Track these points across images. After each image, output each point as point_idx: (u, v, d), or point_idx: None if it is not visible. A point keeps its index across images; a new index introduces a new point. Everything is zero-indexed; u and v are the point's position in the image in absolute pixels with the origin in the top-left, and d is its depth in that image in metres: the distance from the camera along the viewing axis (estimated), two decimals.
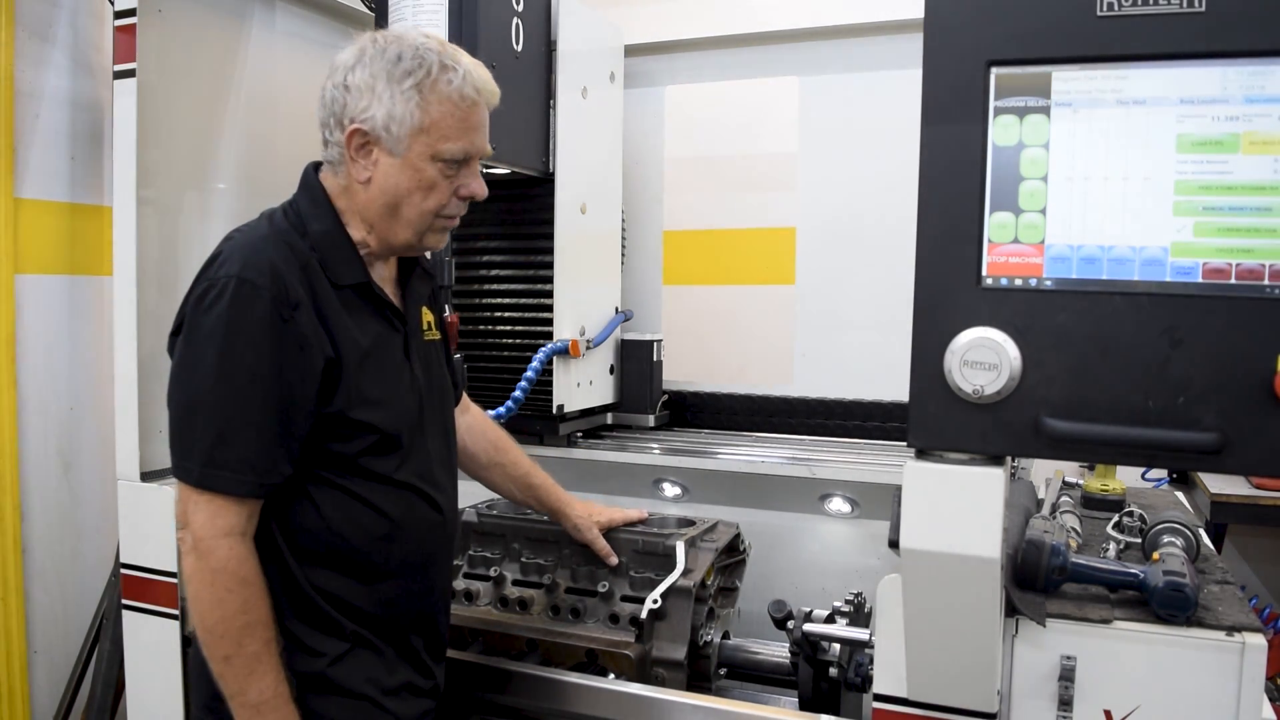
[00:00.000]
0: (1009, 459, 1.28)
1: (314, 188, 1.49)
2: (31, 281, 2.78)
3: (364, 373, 1.44)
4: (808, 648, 1.70)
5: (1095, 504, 1.98)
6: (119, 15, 2.08)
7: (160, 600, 2.05)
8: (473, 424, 1.92)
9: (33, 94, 2.76)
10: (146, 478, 2.09)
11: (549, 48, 2.37)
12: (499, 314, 2.49)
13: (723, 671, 1.90)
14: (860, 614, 1.79)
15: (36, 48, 2.77)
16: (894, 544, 1.31)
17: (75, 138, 2.87)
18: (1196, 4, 1.11)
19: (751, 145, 2.83)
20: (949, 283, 1.22)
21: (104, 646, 2.73)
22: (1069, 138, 1.18)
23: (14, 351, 2.73)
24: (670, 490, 2.48)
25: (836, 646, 1.72)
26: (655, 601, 1.76)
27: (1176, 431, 1.15)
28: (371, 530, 1.46)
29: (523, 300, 2.46)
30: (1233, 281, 1.13)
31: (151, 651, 2.07)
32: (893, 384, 2.59)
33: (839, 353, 2.74)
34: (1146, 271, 1.17)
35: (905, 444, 1.29)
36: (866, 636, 1.67)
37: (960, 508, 1.25)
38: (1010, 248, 1.21)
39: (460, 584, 1.96)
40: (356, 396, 1.42)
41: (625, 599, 1.84)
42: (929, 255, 1.24)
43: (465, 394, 1.92)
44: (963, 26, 1.20)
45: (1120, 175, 1.17)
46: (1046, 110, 1.19)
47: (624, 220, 2.77)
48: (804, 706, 1.72)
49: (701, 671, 1.84)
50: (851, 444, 2.59)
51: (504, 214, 2.48)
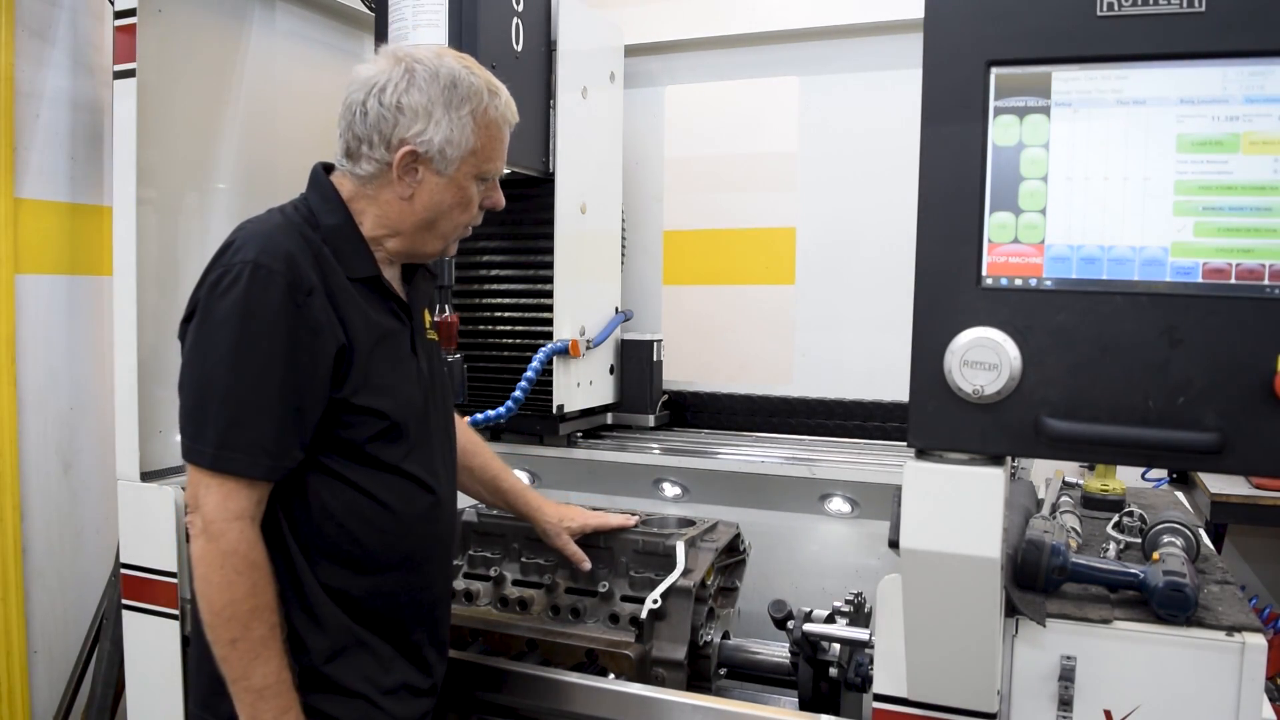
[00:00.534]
0: (1009, 459, 1.28)
1: (324, 185, 1.51)
2: (31, 281, 2.78)
3: (374, 361, 1.46)
4: (808, 648, 1.70)
5: (1095, 504, 1.98)
6: (119, 15, 2.09)
7: (160, 600, 2.05)
8: None
9: (33, 94, 2.77)
10: (146, 478, 2.09)
11: (549, 48, 2.37)
12: (499, 314, 2.49)
13: (723, 671, 1.90)
14: (860, 614, 1.79)
15: (36, 48, 2.77)
16: (894, 544, 1.31)
17: (75, 138, 2.87)
18: (1196, 4, 1.11)
19: (751, 145, 2.83)
20: (949, 283, 1.23)
21: (104, 646, 2.73)
22: (1069, 138, 1.18)
23: (14, 351, 2.73)
24: (670, 490, 2.48)
25: (836, 646, 1.72)
26: (655, 601, 1.76)
27: (1176, 431, 1.15)
28: (374, 521, 1.46)
29: (523, 300, 2.46)
30: (1233, 281, 1.14)
31: (151, 651, 2.07)
32: (893, 384, 2.59)
33: (838, 353, 2.74)
34: (1146, 271, 1.17)
35: (905, 444, 1.29)
36: (866, 636, 1.67)
37: (960, 508, 1.25)
38: (1010, 248, 1.21)
39: (460, 584, 1.96)
40: (366, 383, 1.44)
41: (625, 599, 1.84)
42: (929, 255, 1.24)
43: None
44: (963, 26, 1.20)
45: (1120, 175, 1.17)
46: (1046, 110, 1.19)
47: (624, 220, 2.77)
48: (804, 706, 1.72)
49: (701, 671, 1.84)
50: (851, 444, 2.59)
51: (504, 214, 2.43)
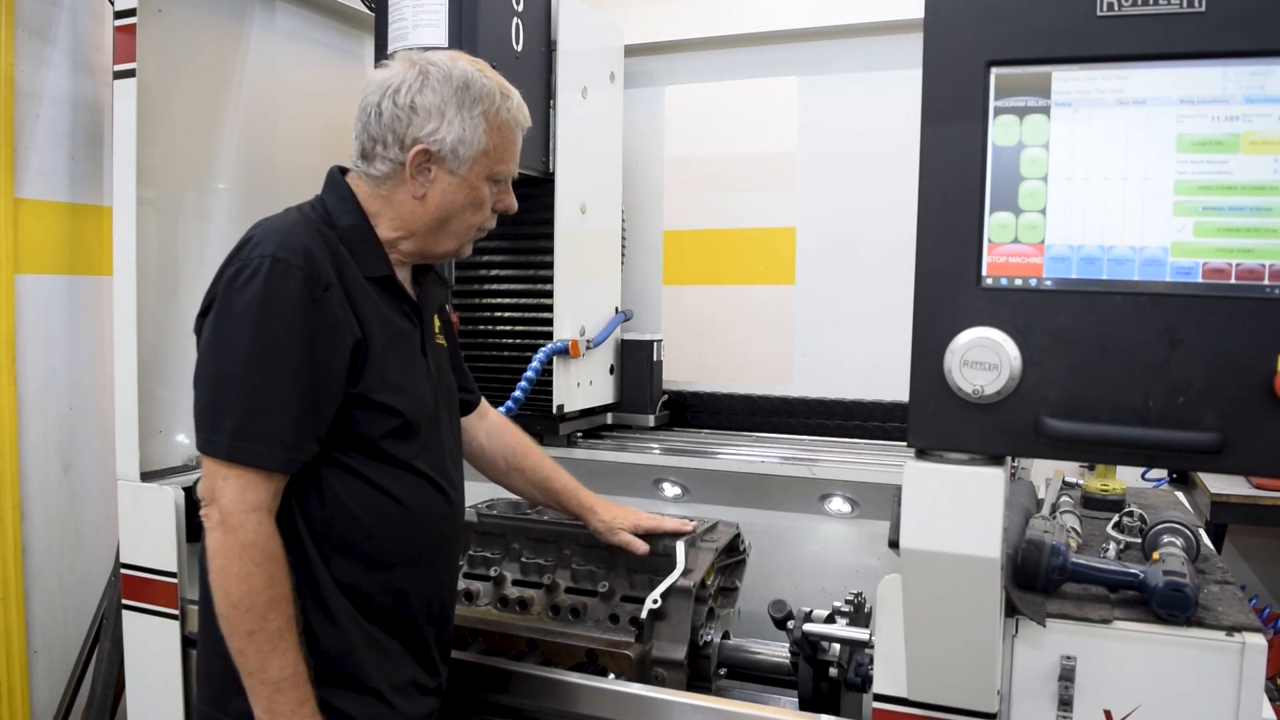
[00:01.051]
0: (1009, 459, 1.28)
1: (340, 186, 1.53)
2: (31, 281, 2.78)
3: (388, 359, 1.47)
4: (808, 648, 1.70)
5: (1095, 504, 1.98)
6: (119, 15, 2.09)
7: (160, 600, 2.05)
8: (492, 429, 1.94)
9: (33, 94, 2.76)
10: (146, 478, 2.09)
11: (549, 48, 2.37)
12: (499, 314, 2.49)
13: (723, 671, 1.89)
14: (860, 614, 1.79)
15: (36, 48, 2.77)
16: (894, 544, 1.31)
17: (75, 138, 2.87)
18: (1196, 4, 1.11)
19: (751, 145, 2.83)
20: (949, 283, 1.22)
21: (104, 646, 2.73)
22: (1069, 138, 1.18)
23: (14, 351, 2.73)
24: (670, 490, 2.48)
25: (836, 646, 1.72)
26: (655, 601, 1.76)
27: (1176, 431, 1.15)
28: (387, 516, 1.47)
29: (523, 300, 2.46)
30: (1233, 281, 1.13)
31: (151, 651, 2.07)
32: (893, 384, 2.59)
33: (838, 353, 2.74)
34: (1146, 271, 1.17)
35: (905, 444, 1.29)
36: (866, 636, 1.67)
37: (960, 508, 1.25)
38: (1010, 248, 1.21)
39: (460, 584, 1.95)
40: (381, 380, 1.45)
41: (625, 599, 1.84)
42: (929, 255, 1.23)
43: (484, 399, 1.95)
44: (963, 26, 1.20)
45: (1120, 175, 1.17)
46: (1046, 110, 1.19)
47: (624, 220, 2.77)
48: (804, 706, 1.72)
49: (701, 671, 1.84)
50: (851, 444, 2.59)
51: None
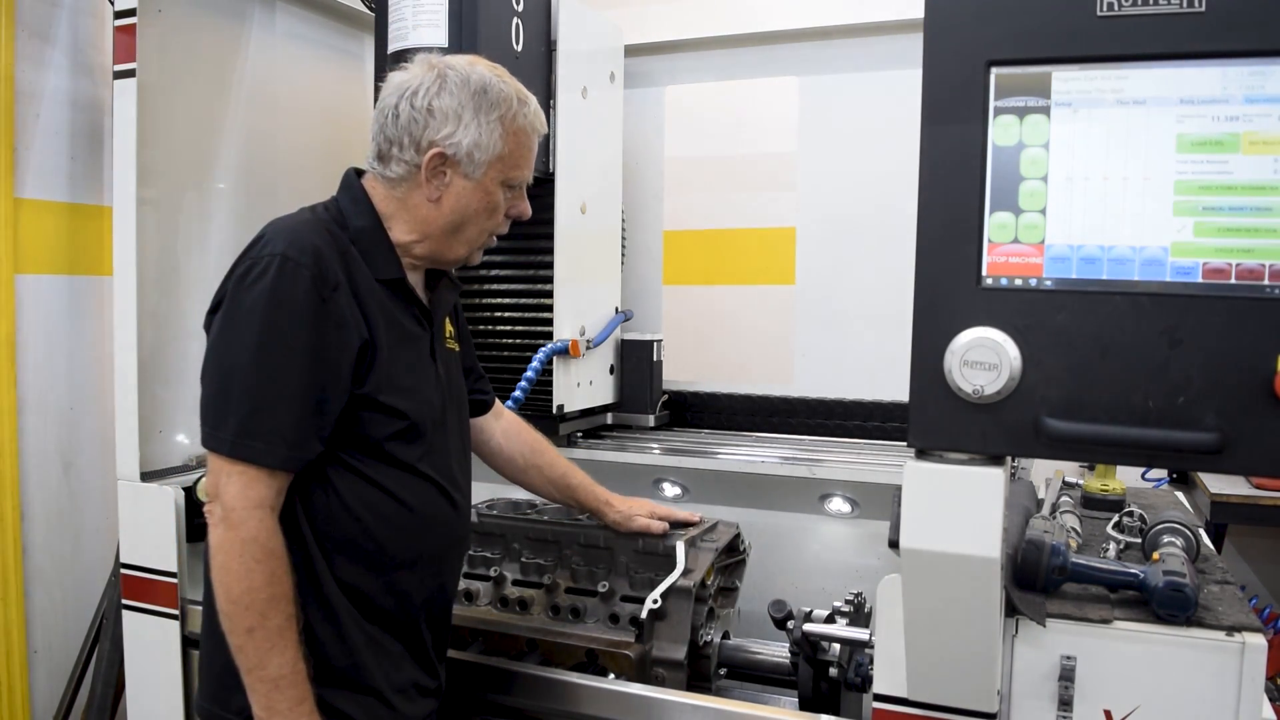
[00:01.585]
0: (1009, 459, 1.28)
1: (355, 188, 1.53)
2: (31, 281, 2.78)
3: (395, 361, 1.47)
4: (808, 648, 1.70)
5: (1095, 504, 1.98)
6: (119, 15, 2.09)
7: (160, 600, 2.05)
8: (508, 428, 1.95)
9: (33, 94, 2.76)
10: (146, 478, 2.09)
11: (549, 48, 2.37)
12: (499, 314, 2.49)
13: (723, 671, 1.89)
14: (860, 614, 1.79)
15: (36, 48, 2.77)
16: (894, 544, 1.31)
17: (75, 138, 2.87)
18: (1196, 4, 1.11)
19: (751, 145, 2.83)
20: (949, 283, 1.22)
21: (104, 646, 2.73)
22: (1069, 138, 1.18)
23: (14, 351, 2.73)
24: (670, 490, 2.48)
25: (836, 646, 1.72)
26: (655, 601, 1.76)
27: (1176, 431, 1.15)
28: (391, 518, 1.47)
29: (523, 300, 2.46)
30: (1233, 281, 1.13)
31: (151, 651, 2.07)
32: (893, 384, 2.59)
33: (839, 352, 2.74)
34: (1146, 271, 1.17)
35: (905, 444, 1.29)
36: (866, 636, 1.66)
37: (960, 508, 1.25)
38: (1010, 248, 1.21)
39: (460, 584, 1.96)
40: (387, 382, 1.45)
41: (625, 599, 1.84)
42: (929, 255, 1.23)
43: (498, 399, 1.95)
44: (963, 26, 1.20)
45: (1120, 175, 1.17)
46: (1046, 110, 1.19)
47: (624, 220, 2.77)
48: (804, 706, 1.72)
49: (701, 671, 1.84)
50: (851, 444, 2.59)
51: None
